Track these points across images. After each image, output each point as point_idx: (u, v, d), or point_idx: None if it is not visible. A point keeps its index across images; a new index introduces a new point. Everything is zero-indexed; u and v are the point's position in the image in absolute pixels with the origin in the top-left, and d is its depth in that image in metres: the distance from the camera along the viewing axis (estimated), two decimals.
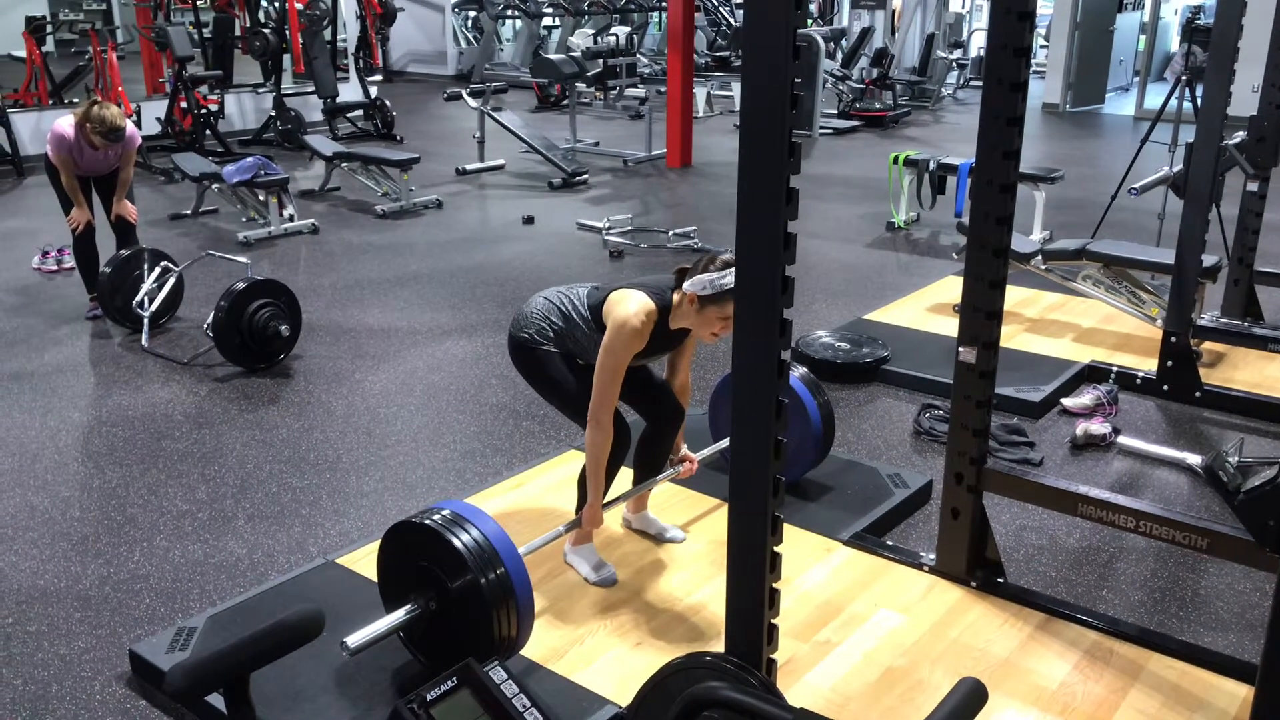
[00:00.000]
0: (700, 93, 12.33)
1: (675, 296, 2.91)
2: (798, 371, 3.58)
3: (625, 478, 3.28)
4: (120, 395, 4.71)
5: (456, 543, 2.54)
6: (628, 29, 14.09)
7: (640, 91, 11.87)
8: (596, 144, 10.66)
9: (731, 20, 16.06)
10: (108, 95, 9.89)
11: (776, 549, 2.21)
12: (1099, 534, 3.53)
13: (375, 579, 2.81)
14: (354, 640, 2.51)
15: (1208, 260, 4.69)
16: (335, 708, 2.60)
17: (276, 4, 11.41)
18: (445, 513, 2.64)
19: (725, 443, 3.64)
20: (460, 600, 2.57)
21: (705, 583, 3.13)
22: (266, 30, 11.11)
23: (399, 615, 2.63)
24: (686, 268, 2.88)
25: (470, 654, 2.52)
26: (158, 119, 10.12)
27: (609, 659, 2.81)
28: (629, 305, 2.85)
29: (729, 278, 2.73)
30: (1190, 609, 3.16)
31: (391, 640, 2.77)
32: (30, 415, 4.49)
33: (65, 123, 5.20)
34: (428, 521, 2.62)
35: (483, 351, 5.23)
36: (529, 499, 3.63)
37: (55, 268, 6.49)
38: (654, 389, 3.20)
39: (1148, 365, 4.73)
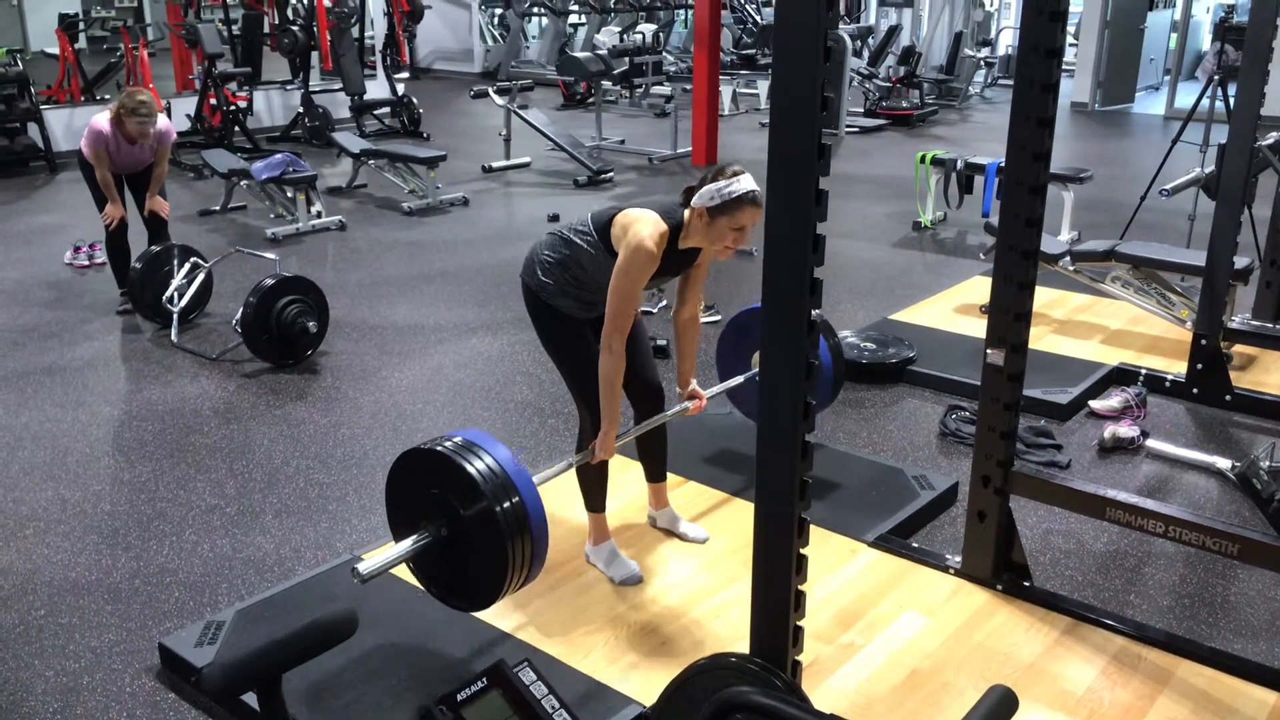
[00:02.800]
0: (726, 91, 12.30)
1: (685, 214, 2.88)
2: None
3: (626, 476, 3.27)
4: (150, 390, 4.76)
5: (470, 469, 2.47)
6: (654, 27, 14.07)
7: (666, 89, 11.86)
8: (622, 142, 10.67)
9: (758, 18, 16.03)
10: None
11: (803, 551, 2.21)
12: (1127, 538, 3.50)
13: (402, 576, 2.82)
14: (365, 567, 2.48)
15: (1239, 262, 4.64)
16: (363, 704, 2.62)
17: (305, 1, 11.47)
18: (457, 439, 2.59)
19: (733, 381, 3.69)
20: (473, 528, 2.50)
21: (730, 583, 3.13)
22: (295, 27, 11.18)
23: (410, 543, 2.56)
24: (694, 186, 2.86)
25: (482, 585, 2.48)
26: (187, 115, 10.21)
27: (633, 659, 2.81)
28: (643, 228, 2.82)
29: (736, 185, 2.75)
30: (1219, 615, 3.13)
31: (418, 636, 2.79)
32: (62, 409, 4.54)
33: (102, 119, 5.26)
34: (439, 448, 2.55)
35: (508, 349, 5.25)
36: (552, 495, 3.64)
37: (87, 263, 6.56)
38: (635, 367, 3.16)
39: (1177, 368, 4.69)
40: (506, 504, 2.46)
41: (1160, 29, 14.21)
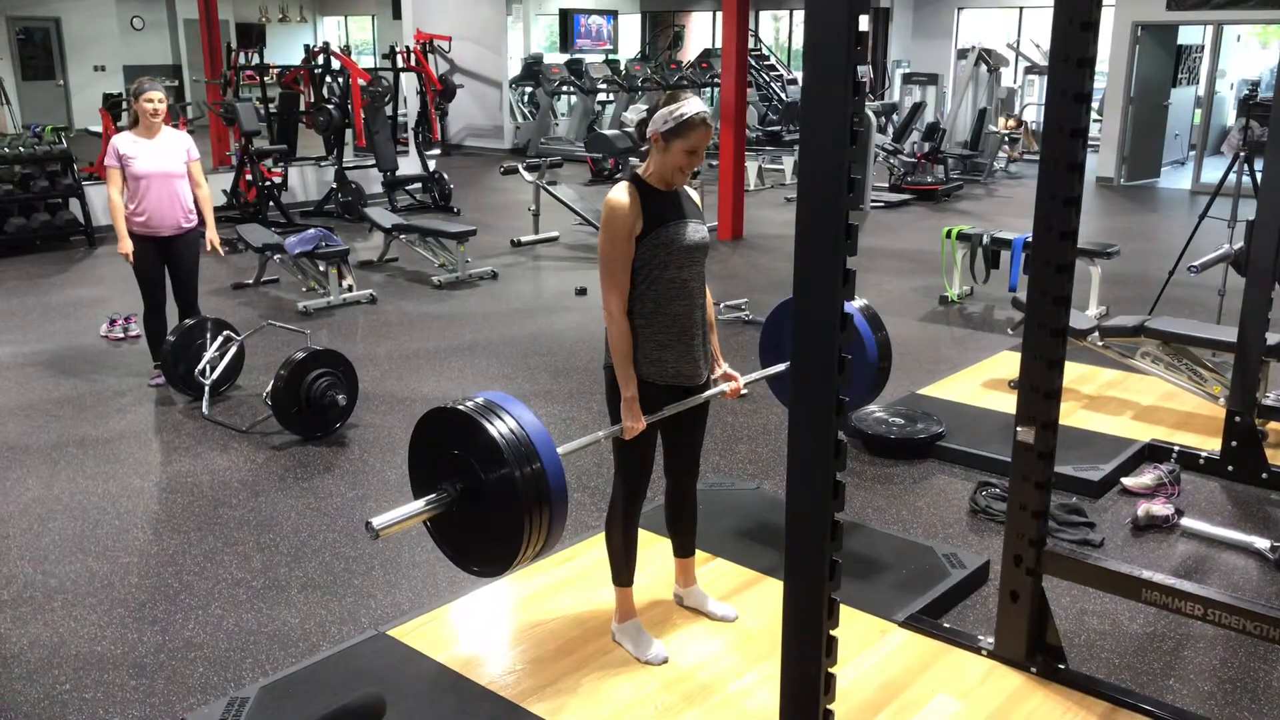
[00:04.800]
0: (752, 166, 12.45)
1: (644, 164, 3.00)
2: (858, 303, 3.65)
3: (651, 543, 3.24)
4: (180, 462, 4.79)
5: (493, 430, 2.45)
6: None
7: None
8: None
9: (783, 95, 16.28)
10: None
11: (832, 632, 2.18)
12: (1164, 619, 3.42)
13: (426, 651, 2.80)
14: (379, 521, 2.45)
15: (1272, 339, 4.60)
16: None
17: (340, 81, 11.78)
18: (482, 400, 2.57)
19: (772, 370, 3.70)
20: (492, 491, 2.47)
21: (758, 663, 3.09)
22: (330, 106, 11.47)
23: (426, 501, 2.53)
24: (646, 120, 2.98)
25: (499, 549, 2.44)
26: (224, 191, 10.43)
27: None
28: (609, 195, 2.94)
29: (685, 108, 2.88)
30: (1262, 701, 3.04)
31: (447, 717, 2.75)
32: (93, 481, 4.58)
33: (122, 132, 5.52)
34: (462, 408, 2.53)
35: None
36: (577, 572, 3.61)
37: (122, 335, 6.66)
38: (694, 444, 3.19)
39: (1210, 445, 4.63)
40: (528, 469, 2.43)
41: (1184, 105, 14.30)
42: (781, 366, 3.66)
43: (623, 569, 3.16)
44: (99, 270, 8.64)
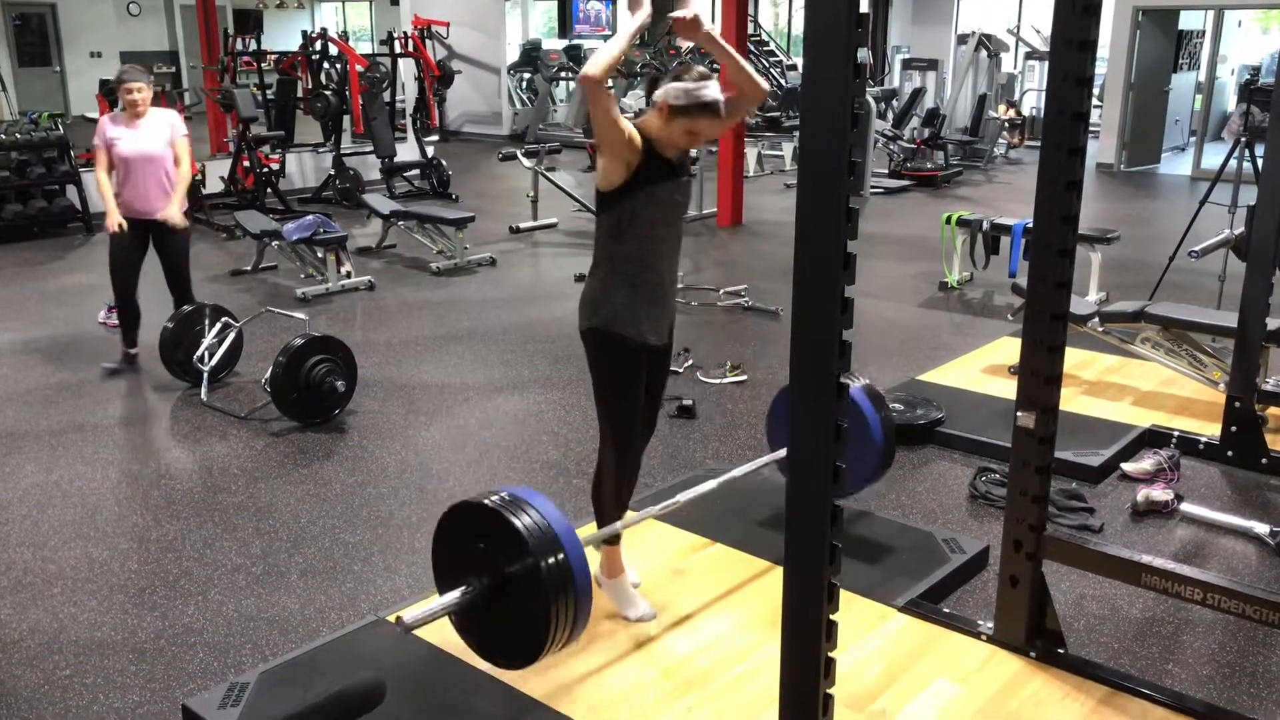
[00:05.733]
0: (751, 152, 12.42)
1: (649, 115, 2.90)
2: (860, 382, 3.56)
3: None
4: (179, 448, 4.79)
5: (517, 524, 2.47)
6: None
7: (692, 151, 11.98)
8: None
9: (782, 81, 16.22)
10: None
11: (832, 617, 2.18)
12: (1163, 604, 3.43)
13: (426, 637, 2.81)
14: (410, 616, 2.47)
15: (1272, 324, 4.60)
16: None
17: (338, 67, 11.73)
18: (506, 495, 2.58)
19: (782, 453, 3.63)
20: (517, 584, 2.48)
21: (758, 648, 3.09)
22: (328, 92, 11.43)
23: (454, 596, 2.55)
24: (658, 78, 2.86)
25: (524, 642, 2.46)
26: (221, 177, 10.41)
27: None
28: None
29: (706, 91, 2.78)
30: (1261, 685, 3.05)
31: (445, 701, 2.75)
32: (92, 467, 4.58)
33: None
34: (488, 502, 2.55)
35: (534, 408, 5.26)
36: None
37: (120, 322, 6.63)
38: (657, 401, 3.25)
39: (1210, 430, 4.63)
40: (552, 560, 2.45)
41: (1185, 90, 14.26)
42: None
43: (611, 522, 3.19)
44: (96, 257, 8.60)
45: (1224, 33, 13.60)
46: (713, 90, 2.82)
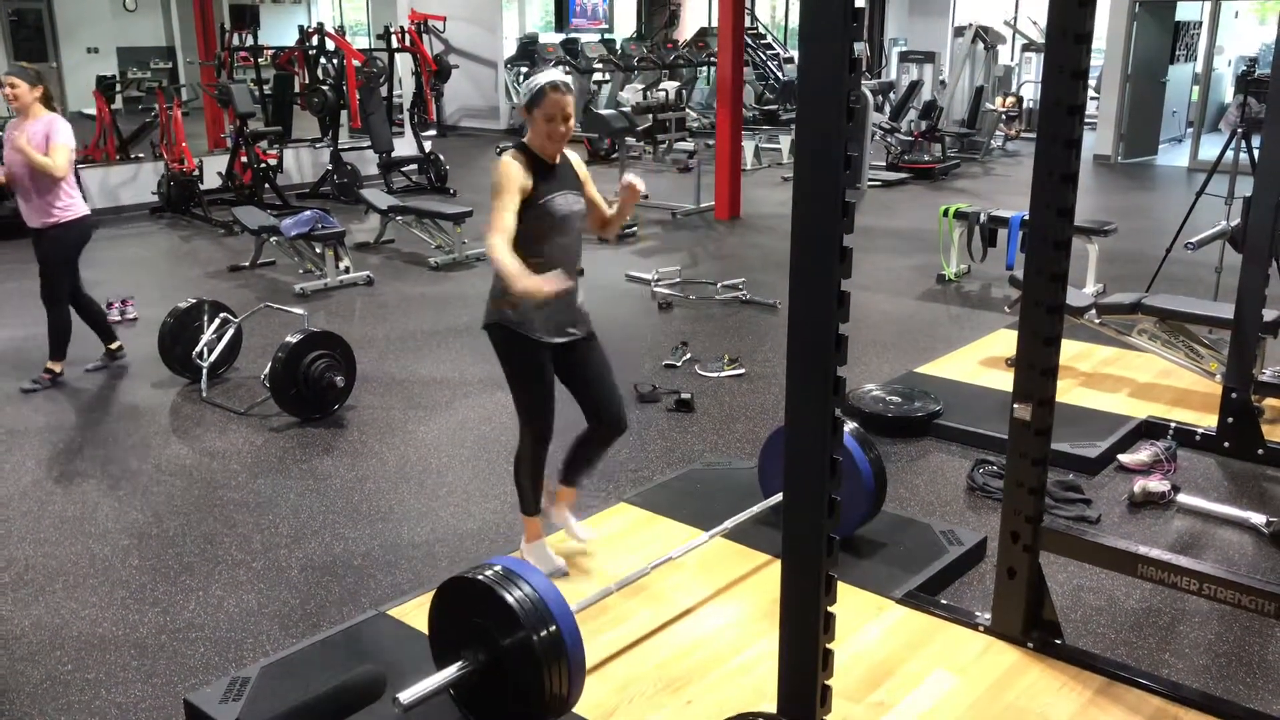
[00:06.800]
0: (748, 146, 12.42)
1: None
2: (848, 426, 3.56)
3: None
4: (179, 444, 4.80)
5: (509, 599, 2.54)
6: (676, 84, 14.27)
7: (689, 145, 11.99)
8: (646, 196, 10.74)
9: (779, 74, 16.22)
10: (172, 150, 10.20)
11: (830, 609, 2.19)
12: (1160, 595, 3.44)
13: (426, 631, 2.82)
14: (407, 696, 2.51)
15: (1268, 315, 4.61)
16: None
17: (335, 62, 11.71)
18: (498, 568, 2.65)
19: (776, 499, 3.62)
20: (512, 658, 2.56)
21: (757, 639, 3.10)
22: (325, 87, 11.42)
23: (451, 671, 2.62)
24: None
25: (521, 714, 2.51)
26: (219, 173, 10.40)
27: (659, 717, 2.78)
28: (500, 159, 3.16)
29: (536, 79, 3.12)
30: (1257, 674, 3.06)
31: (443, 700, 2.77)
32: (92, 463, 4.58)
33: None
34: (480, 577, 2.63)
35: None
36: (577, 551, 3.63)
37: (119, 318, 6.65)
38: (604, 391, 3.38)
39: (1207, 421, 4.64)
40: (545, 632, 2.52)
41: (1182, 82, 14.25)
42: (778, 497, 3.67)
43: (530, 501, 3.42)
44: (95, 254, 8.58)
45: (1221, 23, 13.58)
46: (544, 75, 3.13)
